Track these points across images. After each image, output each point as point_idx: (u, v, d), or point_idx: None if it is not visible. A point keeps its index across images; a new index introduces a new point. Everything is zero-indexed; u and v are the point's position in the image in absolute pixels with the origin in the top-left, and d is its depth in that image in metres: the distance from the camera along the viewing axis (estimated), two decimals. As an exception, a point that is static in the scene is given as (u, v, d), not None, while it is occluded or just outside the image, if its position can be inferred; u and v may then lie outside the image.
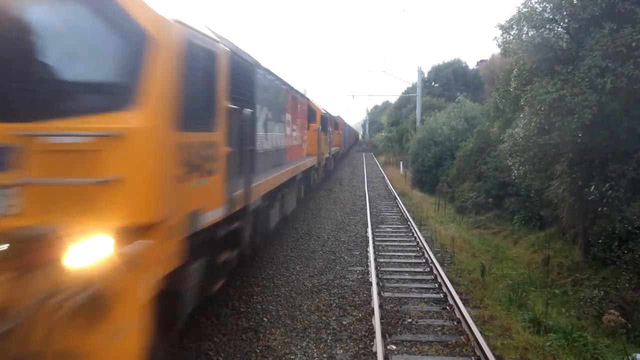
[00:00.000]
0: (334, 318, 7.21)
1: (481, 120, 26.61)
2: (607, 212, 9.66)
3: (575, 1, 10.20)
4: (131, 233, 3.70)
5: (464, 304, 7.56)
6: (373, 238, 12.49)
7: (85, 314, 3.29)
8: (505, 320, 7.27)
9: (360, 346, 6.26)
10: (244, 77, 6.95)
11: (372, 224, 14.35)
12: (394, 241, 12.54)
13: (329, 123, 23.94)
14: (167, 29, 4.05)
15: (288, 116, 11.68)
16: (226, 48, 5.71)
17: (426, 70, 51.06)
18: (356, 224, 14.65)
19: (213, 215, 5.15)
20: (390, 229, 14.19)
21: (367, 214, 16.09)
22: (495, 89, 15.54)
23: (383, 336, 6.42)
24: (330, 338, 6.50)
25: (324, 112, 22.68)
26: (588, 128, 9.48)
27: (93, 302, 3.32)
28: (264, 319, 7.08)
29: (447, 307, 7.71)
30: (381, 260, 10.59)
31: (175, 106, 4.11)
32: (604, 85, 8.98)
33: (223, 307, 7.38)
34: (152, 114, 3.82)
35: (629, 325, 7.33)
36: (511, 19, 11.15)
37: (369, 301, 7.90)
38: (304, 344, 6.29)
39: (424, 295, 8.36)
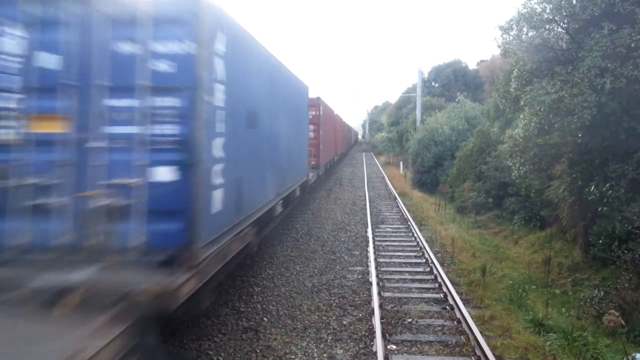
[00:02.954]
0: (334, 318, 7.22)
1: (481, 120, 26.66)
2: (607, 212, 9.67)
3: (574, 2, 10.21)
4: None
5: (464, 304, 7.57)
6: (373, 238, 12.50)
7: None
8: (505, 320, 7.28)
9: (361, 346, 6.27)
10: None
11: (372, 224, 14.35)
12: (394, 241, 12.54)
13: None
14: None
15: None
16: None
17: (426, 70, 51.15)
18: (356, 224, 14.66)
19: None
20: (391, 229, 14.20)
21: (367, 214, 16.10)
22: (495, 90, 15.56)
23: (383, 336, 6.43)
24: (330, 338, 6.51)
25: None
26: (588, 128, 9.50)
27: None
28: (264, 318, 7.09)
29: (448, 307, 7.72)
30: (381, 260, 10.60)
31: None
32: (604, 85, 8.99)
33: (223, 307, 7.40)
34: None
35: (629, 325, 7.34)
36: (511, 20, 11.16)
37: (369, 301, 7.91)
38: (304, 344, 6.31)
39: (424, 295, 8.37)
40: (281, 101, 9.49)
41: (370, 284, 8.72)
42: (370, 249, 11.20)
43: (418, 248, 11.77)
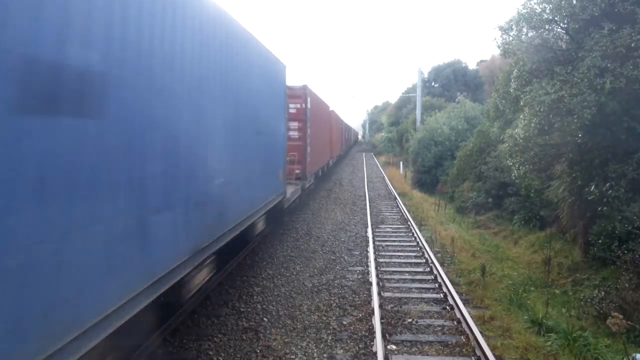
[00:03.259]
0: (334, 318, 7.22)
1: (481, 120, 26.66)
2: (607, 212, 9.66)
3: (574, 2, 10.21)
4: None
5: (464, 304, 7.57)
6: (373, 238, 12.49)
7: None
8: (505, 321, 7.28)
9: (361, 346, 6.27)
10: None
11: (372, 224, 14.35)
12: (394, 241, 12.54)
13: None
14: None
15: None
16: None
17: (426, 70, 51.15)
18: (356, 224, 14.66)
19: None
20: (391, 229, 14.19)
21: (367, 214, 16.10)
22: (495, 90, 15.57)
23: (383, 336, 6.42)
24: (330, 338, 6.50)
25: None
26: (588, 128, 9.50)
27: None
28: (264, 319, 7.09)
29: (447, 307, 7.72)
30: (381, 260, 10.59)
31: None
32: (603, 85, 8.99)
33: (223, 307, 7.39)
34: None
35: (636, 326, 7.34)
36: (510, 20, 11.16)
37: (369, 301, 7.91)
38: (304, 344, 6.30)
39: (424, 296, 8.37)
40: (209, 70, 5.59)
41: (370, 284, 8.72)
42: (370, 249, 11.20)
43: (418, 248, 11.77)
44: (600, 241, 9.76)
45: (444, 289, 8.44)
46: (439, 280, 8.96)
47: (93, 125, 3.22)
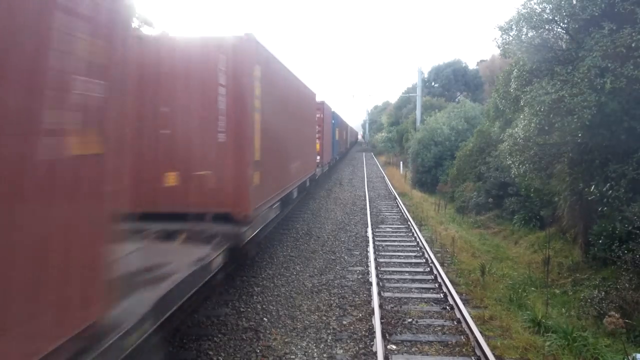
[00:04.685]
0: (334, 318, 7.21)
1: (481, 120, 26.66)
2: (608, 212, 9.67)
3: (574, 2, 10.21)
4: None
5: (464, 304, 7.57)
6: (373, 238, 12.49)
7: None
8: (505, 320, 7.28)
9: (361, 346, 6.27)
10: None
11: (372, 224, 14.35)
12: (394, 241, 12.54)
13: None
14: None
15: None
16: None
17: (426, 70, 51.19)
18: (356, 224, 14.65)
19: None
20: (391, 229, 14.19)
21: (367, 214, 16.10)
22: (495, 90, 15.57)
23: (383, 336, 6.42)
24: (330, 338, 6.50)
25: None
26: (588, 128, 9.50)
27: None
28: (264, 318, 7.09)
29: (447, 307, 7.72)
30: (381, 260, 10.59)
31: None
32: (604, 85, 8.99)
33: (223, 307, 7.39)
34: None
35: (633, 323, 7.34)
36: (510, 20, 11.16)
37: (369, 301, 7.91)
38: (304, 344, 6.30)
39: (424, 295, 8.37)
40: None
41: (370, 284, 8.71)
42: (370, 249, 11.20)
43: (418, 248, 11.77)
44: (600, 241, 9.77)
45: (444, 289, 8.44)
46: (439, 280, 8.96)
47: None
